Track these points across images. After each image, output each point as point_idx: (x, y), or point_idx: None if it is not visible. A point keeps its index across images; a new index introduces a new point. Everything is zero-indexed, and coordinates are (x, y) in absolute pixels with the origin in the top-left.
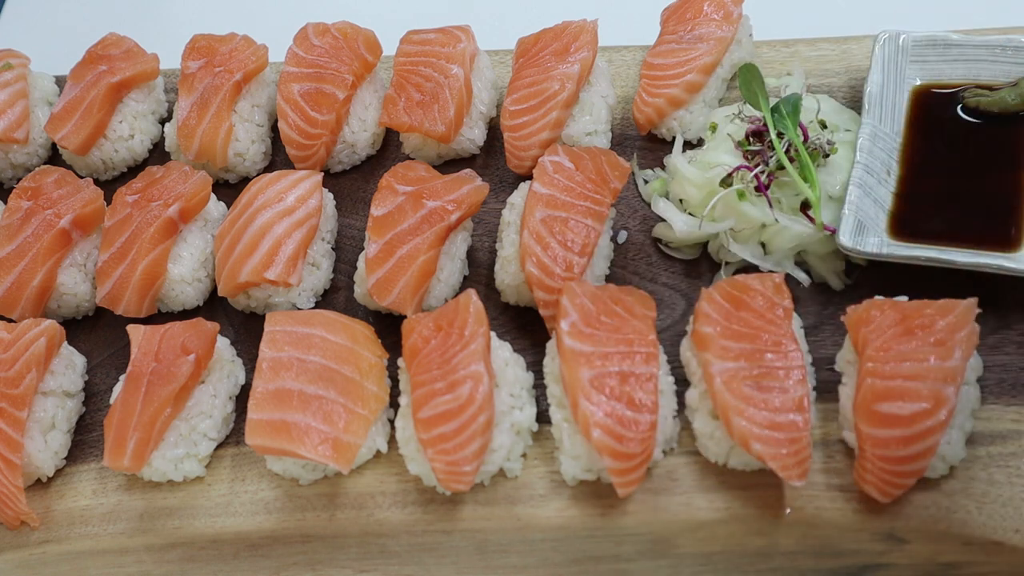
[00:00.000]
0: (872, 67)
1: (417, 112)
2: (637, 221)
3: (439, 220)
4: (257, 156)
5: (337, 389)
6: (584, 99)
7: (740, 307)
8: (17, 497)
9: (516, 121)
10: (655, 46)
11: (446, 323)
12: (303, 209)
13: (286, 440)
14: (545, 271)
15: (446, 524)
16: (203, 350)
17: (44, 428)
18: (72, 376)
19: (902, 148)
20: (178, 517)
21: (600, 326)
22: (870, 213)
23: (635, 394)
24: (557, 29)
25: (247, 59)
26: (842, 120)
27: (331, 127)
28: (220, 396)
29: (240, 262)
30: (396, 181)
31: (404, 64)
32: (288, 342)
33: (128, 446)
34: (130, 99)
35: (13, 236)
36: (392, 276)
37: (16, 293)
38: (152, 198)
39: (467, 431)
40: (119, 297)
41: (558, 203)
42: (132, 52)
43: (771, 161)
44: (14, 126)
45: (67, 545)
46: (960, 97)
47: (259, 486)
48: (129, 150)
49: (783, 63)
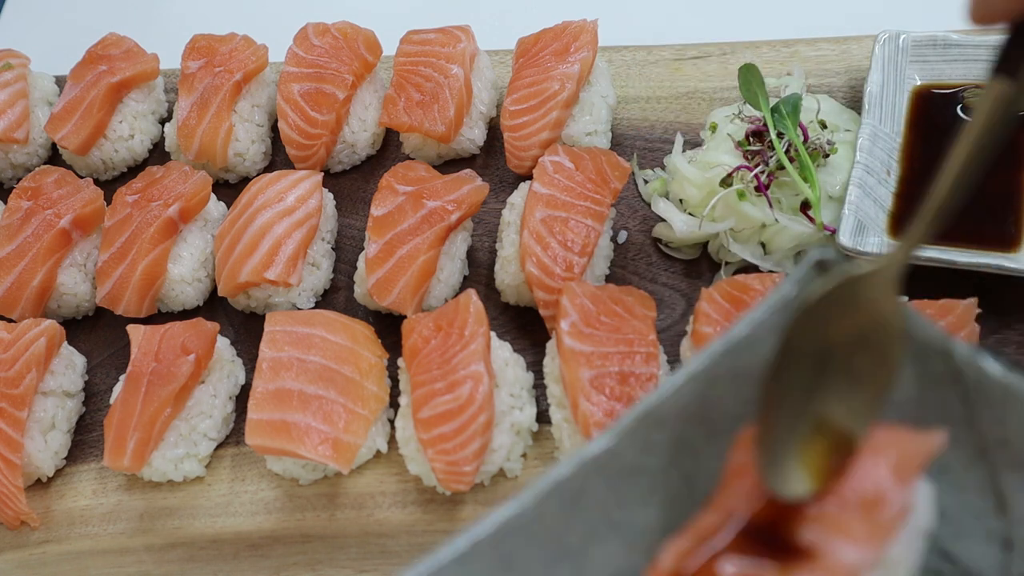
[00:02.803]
0: (872, 67)
1: (417, 112)
2: (637, 221)
3: (439, 220)
4: (257, 156)
5: (337, 389)
6: (584, 99)
7: (740, 307)
8: (17, 497)
9: (516, 121)
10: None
11: (446, 323)
12: (303, 209)
13: (286, 440)
14: (545, 271)
15: (446, 524)
16: (203, 350)
17: (44, 428)
18: (72, 376)
19: (902, 148)
20: (178, 517)
21: (600, 326)
22: (870, 213)
23: (635, 394)
24: (557, 29)
25: (247, 59)
26: (842, 120)
27: (331, 127)
28: (220, 396)
29: (240, 262)
30: (396, 181)
31: (404, 64)
32: (288, 342)
33: (128, 446)
34: (130, 99)
35: (13, 236)
36: (392, 276)
37: (16, 293)
38: (152, 198)
39: (467, 431)
40: (119, 297)
41: (558, 203)
42: (132, 52)
43: (771, 161)
44: (14, 126)
45: (67, 545)
46: (960, 97)
47: (259, 486)
48: (129, 150)
49: (783, 63)
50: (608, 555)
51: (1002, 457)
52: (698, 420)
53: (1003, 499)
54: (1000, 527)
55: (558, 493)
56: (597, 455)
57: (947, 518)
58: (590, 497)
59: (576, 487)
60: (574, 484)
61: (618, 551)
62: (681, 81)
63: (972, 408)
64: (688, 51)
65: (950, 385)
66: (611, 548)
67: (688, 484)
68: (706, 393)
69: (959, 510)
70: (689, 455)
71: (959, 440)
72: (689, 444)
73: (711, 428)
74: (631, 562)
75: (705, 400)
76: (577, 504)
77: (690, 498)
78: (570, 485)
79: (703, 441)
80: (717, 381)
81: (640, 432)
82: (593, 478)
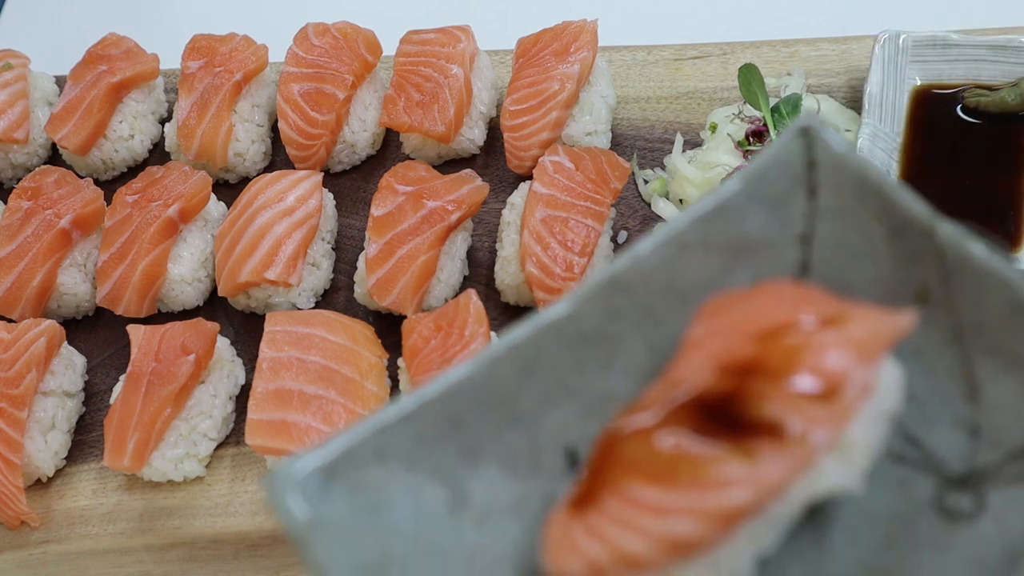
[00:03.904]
0: (872, 67)
1: (417, 112)
2: (637, 221)
3: (439, 220)
4: (257, 156)
5: (337, 389)
6: (584, 99)
7: None
8: (17, 497)
9: (516, 121)
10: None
11: (446, 323)
12: (303, 209)
13: (286, 440)
14: (545, 271)
15: None
16: (203, 350)
17: (44, 428)
18: (72, 376)
19: (902, 148)
20: (178, 517)
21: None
22: None
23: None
24: (557, 29)
25: (247, 59)
26: (842, 120)
27: (331, 127)
28: (220, 396)
29: (240, 262)
30: (396, 181)
31: (404, 64)
32: (288, 342)
33: (128, 446)
34: (130, 99)
35: (13, 236)
36: (392, 276)
37: (16, 293)
38: (152, 198)
39: None
40: (119, 297)
41: (558, 203)
42: (132, 52)
43: None
44: (14, 126)
45: (67, 545)
46: (960, 97)
47: (259, 486)
48: (129, 150)
49: (783, 63)
50: (563, 421)
51: (977, 341)
52: (665, 289)
53: (975, 385)
54: (969, 413)
55: (512, 357)
56: (556, 319)
57: (915, 402)
58: (546, 362)
59: (532, 352)
60: (529, 349)
61: (572, 418)
62: (681, 81)
63: (950, 289)
64: (688, 51)
65: (929, 265)
66: (565, 414)
67: (652, 354)
68: (675, 261)
69: (928, 394)
70: (654, 324)
71: (933, 322)
72: (654, 313)
73: (679, 298)
74: (586, 429)
75: (674, 268)
76: (532, 369)
77: (653, 369)
78: (525, 350)
79: (669, 311)
80: (687, 249)
81: (603, 298)
82: (550, 343)
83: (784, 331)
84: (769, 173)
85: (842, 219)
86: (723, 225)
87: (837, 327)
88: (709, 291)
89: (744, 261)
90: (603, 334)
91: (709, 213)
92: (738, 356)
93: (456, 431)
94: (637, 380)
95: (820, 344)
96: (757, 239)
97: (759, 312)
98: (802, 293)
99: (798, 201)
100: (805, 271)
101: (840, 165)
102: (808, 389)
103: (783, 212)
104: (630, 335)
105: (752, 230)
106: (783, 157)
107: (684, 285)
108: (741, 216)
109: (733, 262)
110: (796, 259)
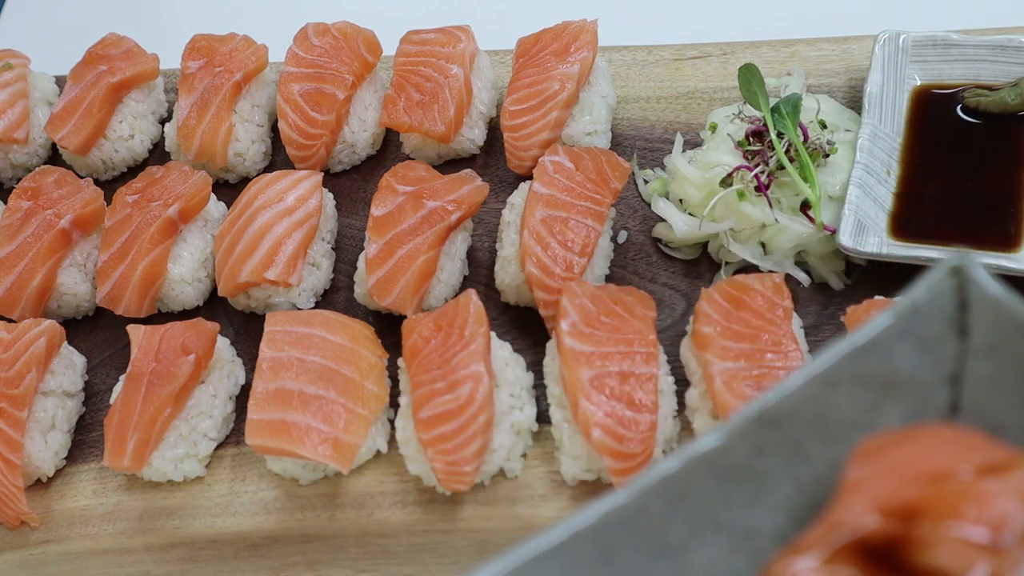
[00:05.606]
0: (872, 67)
1: (417, 112)
2: (637, 221)
3: (439, 220)
4: (257, 156)
5: (337, 389)
6: (584, 99)
7: (740, 307)
8: (17, 497)
9: (516, 121)
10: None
11: (446, 323)
12: (303, 209)
13: (286, 440)
14: (545, 271)
15: (446, 524)
16: (203, 350)
17: (44, 428)
18: (72, 376)
19: (902, 148)
20: (178, 517)
21: (600, 326)
22: (870, 213)
23: (635, 394)
24: (557, 29)
25: (247, 59)
26: (842, 120)
27: (331, 127)
28: (220, 396)
29: (240, 262)
30: (396, 181)
31: (404, 64)
32: (288, 342)
33: (128, 446)
34: (130, 99)
35: (13, 236)
36: (392, 276)
37: (16, 293)
38: (152, 198)
39: (467, 431)
40: (119, 297)
41: (558, 203)
42: (132, 52)
43: (771, 161)
44: (14, 126)
45: (67, 545)
46: (960, 97)
47: (259, 486)
48: (129, 150)
49: (783, 63)
50: (710, 556)
51: None
52: (814, 424)
53: None
54: None
55: (663, 488)
56: (706, 452)
57: None
58: (696, 495)
59: (682, 484)
60: (680, 480)
61: (721, 553)
62: (681, 81)
63: None
64: (688, 51)
65: None
66: (714, 549)
67: (799, 490)
68: (824, 397)
69: None
70: (802, 460)
71: None
72: (802, 448)
73: (827, 434)
74: (734, 565)
75: (822, 403)
76: (682, 501)
77: (800, 505)
78: (676, 481)
79: (818, 447)
80: (837, 385)
81: (752, 432)
82: (700, 476)
83: (949, 476)
84: (921, 311)
85: (995, 360)
86: (873, 361)
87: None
88: (857, 428)
89: (893, 399)
90: (751, 468)
91: (859, 348)
92: (902, 499)
93: (607, 563)
94: (784, 516)
95: (988, 492)
96: (906, 377)
97: (922, 455)
98: (964, 437)
99: (949, 341)
100: (955, 411)
101: (995, 307)
102: (977, 538)
103: (934, 351)
104: (778, 470)
105: (902, 368)
106: (935, 295)
107: (832, 421)
108: (891, 353)
109: (882, 400)
110: (945, 399)
